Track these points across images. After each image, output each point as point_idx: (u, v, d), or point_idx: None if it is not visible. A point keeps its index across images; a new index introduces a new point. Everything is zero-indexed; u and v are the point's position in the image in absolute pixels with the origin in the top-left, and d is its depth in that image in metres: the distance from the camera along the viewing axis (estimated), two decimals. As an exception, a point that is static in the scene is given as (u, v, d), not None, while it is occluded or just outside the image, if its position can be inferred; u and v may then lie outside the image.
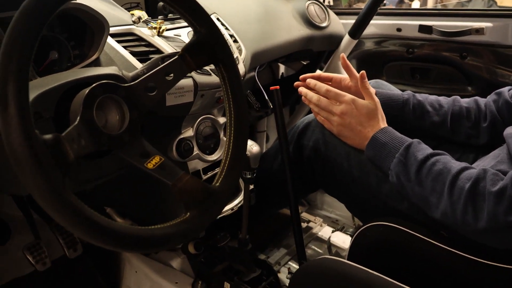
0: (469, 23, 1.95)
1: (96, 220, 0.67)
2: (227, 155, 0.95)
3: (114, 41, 1.16)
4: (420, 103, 1.42)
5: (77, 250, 1.57)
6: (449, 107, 1.42)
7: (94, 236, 0.67)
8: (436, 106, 1.42)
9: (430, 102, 1.43)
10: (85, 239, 0.68)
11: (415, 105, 1.42)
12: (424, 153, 1.17)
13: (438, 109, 1.42)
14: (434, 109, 1.41)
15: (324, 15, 2.09)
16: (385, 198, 1.29)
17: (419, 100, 1.42)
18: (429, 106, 1.42)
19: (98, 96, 0.80)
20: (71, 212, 0.64)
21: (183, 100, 1.20)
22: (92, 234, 0.67)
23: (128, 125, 0.84)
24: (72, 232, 0.76)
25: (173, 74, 0.91)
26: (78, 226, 0.65)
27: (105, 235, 0.68)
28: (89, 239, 0.67)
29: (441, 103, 1.43)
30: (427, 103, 1.42)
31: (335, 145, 1.37)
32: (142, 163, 0.82)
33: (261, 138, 2.33)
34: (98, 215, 0.68)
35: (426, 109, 1.41)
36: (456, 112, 1.40)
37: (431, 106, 1.42)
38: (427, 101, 1.43)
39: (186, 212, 0.83)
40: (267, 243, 1.99)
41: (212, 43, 0.94)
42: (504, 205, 0.97)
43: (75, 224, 0.65)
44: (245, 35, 1.57)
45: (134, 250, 0.72)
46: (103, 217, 0.68)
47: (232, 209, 1.45)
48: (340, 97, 1.33)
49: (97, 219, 0.67)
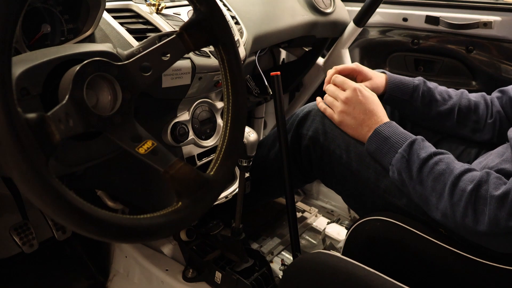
0: (477, 16, 1.91)
1: (79, 207, 0.62)
2: (223, 142, 0.90)
3: (110, 17, 1.11)
4: (430, 90, 1.41)
5: (66, 232, 1.53)
6: (457, 99, 1.41)
7: (77, 224, 0.62)
8: (445, 97, 1.42)
9: (439, 92, 1.42)
10: (67, 226, 0.63)
11: (425, 92, 1.41)
12: (428, 151, 1.15)
13: (447, 99, 1.41)
14: (443, 99, 1.41)
15: (329, 0, 2.04)
16: (383, 193, 1.27)
17: (429, 88, 1.42)
18: (438, 95, 1.41)
19: (90, 74, 0.76)
20: (52, 197, 0.60)
21: (180, 82, 1.16)
22: (74, 222, 0.62)
23: (120, 106, 0.80)
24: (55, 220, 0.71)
25: (170, 54, 0.86)
26: (59, 213, 0.61)
27: (88, 224, 0.63)
28: (72, 227, 0.63)
29: (450, 94, 1.43)
30: (436, 92, 1.42)
31: (335, 136, 1.34)
32: (133, 147, 0.78)
33: (258, 124, 2.30)
34: (81, 202, 0.63)
35: (435, 97, 1.41)
36: (464, 105, 1.40)
37: (440, 95, 1.42)
38: (436, 90, 1.43)
39: (177, 201, 0.79)
40: (260, 232, 1.97)
41: (212, 22, 0.89)
42: (506, 209, 0.97)
43: (56, 210, 0.61)
44: (248, 17, 1.52)
45: (119, 240, 0.67)
46: (87, 203, 0.64)
47: (227, 197, 1.42)
48: (346, 83, 1.33)
49: (80, 205, 0.62)
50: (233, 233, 1.43)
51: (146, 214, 0.73)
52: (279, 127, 1.41)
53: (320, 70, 2.27)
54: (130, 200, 1.39)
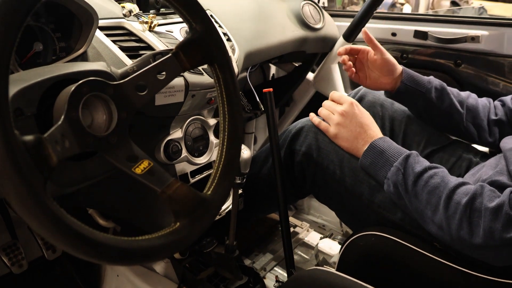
0: (464, 31, 1.93)
1: (78, 231, 0.61)
2: (219, 161, 0.90)
3: (103, 35, 1.10)
4: (442, 85, 1.43)
5: (56, 252, 1.51)
6: (466, 97, 1.44)
7: (76, 248, 0.61)
8: (455, 93, 1.43)
9: (450, 88, 1.44)
10: (66, 251, 0.62)
11: (437, 85, 1.42)
12: (422, 165, 1.16)
13: (456, 96, 1.43)
14: (454, 93, 1.43)
15: (319, 16, 2.05)
16: (377, 208, 1.27)
17: (441, 83, 1.43)
18: (450, 90, 1.43)
19: (85, 94, 0.75)
20: (51, 221, 0.59)
21: (173, 100, 1.15)
22: (73, 246, 0.61)
23: (116, 126, 0.79)
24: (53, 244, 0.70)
25: (165, 73, 0.85)
26: (59, 237, 0.60)
27: (88, 247, 0.62)
28: (70, 250, 0.61)
29: (458, 92, 1.45)
30: (447, 88, 1.44)
31: (328, 151, 1.34)
32: (129, 167, 0.77)
33: (249, 140, 2.29)
34: (80, 225, 0.62)
35: (446, 91, 1.42)
36: (471, 104, 1.43)
37: (451, 90, 1.43)
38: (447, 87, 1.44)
39: (175, 222, 0.78)
40: (252, 248, 1.96)
41: (208, 41, 0.89)
42: (501, 222, 0.97)
43: (55, 234, 0.59)
44: (239, 34, 1.52)
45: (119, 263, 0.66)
46: (86, 226, 0.63)
47: (220, 214, 1.41)
48: (343, 98, 1.36)
49: (79, 229, 0.61)
50: (227, 250, 1.42)
51: (144, 236, 0.72)
52: (272, 143, 1.41)
53: (310, 85, 2.28)
54: (123, 218, 1.38)
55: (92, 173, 0.89)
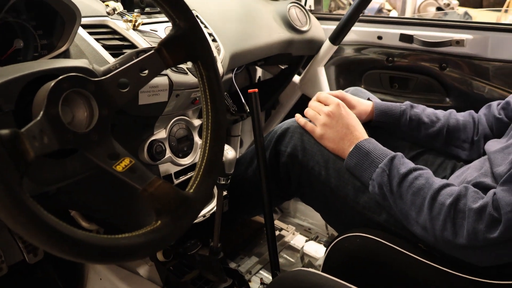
0: (449, 34, 1.94)
1: (56, 228, 0.60)
2: (202, 160, 0.88)
3: (86, 33, 1.09)
4: (417, 114, 1.44)
5: (38, 255, 1.48)
6: (445, 120, 1.44)
7: (53, 246, 0.60)
8: (433, 119, 1.45)
9: (427, 114, 1.45)
10: (43, 248, 0.60)
11: (412, 116, 1.44)
12: (407, 166, 1.17)
13: (435, 121, 1.44)
14: (431, 121, 1.44)
15: (306, 19, 2.05)
16: (362, 209, 1.27)
17: (416, 112, 1.45)
18: (426, 118, 1.44)
19: (65, 90, 0.73)
20: (27, 217, 0.57)
21: (157, 99, 1.14)
22: (50, 243, 0.59)
23: (96, 123, 0.77)
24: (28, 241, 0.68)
25: (148, 70, 0.84)
26: (35, 234, 0.58)
27: (66, 245, 0.60)
28: (47, 248, 0.60)
29: (438, 115, 1.46)
30: (424, 115, 1.45)
31: (314, 152, 1.34)
32: (110, 165, 0.75)
33: (235, 142, 2.28)
34: (58, 222, 0.60)
35: (422, 120, 1.44)
36: (453, 125, 1.43)
37: (427, 118, 1.44)
38: (424, 113, 1.46)
39: (156, 220, 0.76)
40: (238, 251, 1.95)
41: (191, 38, 0.87)
42: (484, 222, 0.97)
43: (31, 231, 0.58)
44: (225, 34, 1.51)
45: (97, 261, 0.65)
46: (63, 223, 0.61)
47: (205, 216, 1.40)
48: (330, 99, 1.36)
49: (57, 226, 0.60)
50: (211, 252, 1.41)
51: (124, 234, 0.70)
52: (257, 144, 1.40)
53: (296, 87, 2.28)
54: (106, 219, 1.36)
55: (73, 171, 0.87)
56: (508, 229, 0.94)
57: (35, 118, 0.68)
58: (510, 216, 0.94)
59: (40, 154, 0.66)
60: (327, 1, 3.93)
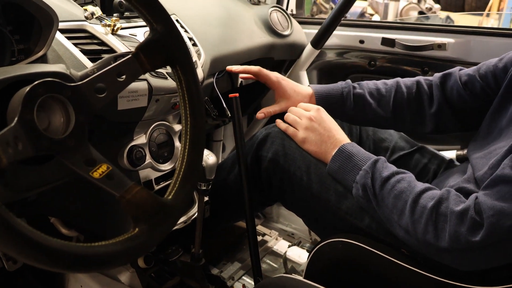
0: (431, 38, 1.95)
1: (29, 236, 0.58)
2: (181, 165, 0.88)
3: (64, 37, 1.07)
4: (360, 95, 1.43)
5: (17, 263, 1.46)
6: (390, 95, 1.42)
7: (27, 255, 0.58)
8: (376, 96, 1.43)
9: (370, 92, 1.43)
10: (17, 258, 0.59)
11: (355, 97, 1.43)
12: (390, 170, 1.17)
13: (379, 99, 1.43)
14: (375, 100, 1.43)
15: (287, 23, 2.04)
16: (344, 215, 1.27)
17: (359, 93, 1.43)
18: (370, 97, 1.43)
19: (41, 95, 0.72)
20: (0, 225, 0.56)
21: (136, 104, 1.13)
22: (24, 253, 0.58)
23: (73, 128, 0.76)
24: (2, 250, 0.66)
25: (125, 75, 0.83)
26: (7, 243, 0.57)
27: (40, 254, 0.59)
28: (21, 258, 0.59)
29: (381, 91, 1.43)
30: (367, 94, 1.43)
31: (295, 157, 1.34)
32: (87, 171, 0.74)
33: (217, 147, 2.27)
34: (31, 230, 0.59)
35: (367, 101, 1.42)
36: (398, 100, 1.41)
37: (371, 96, 1.43)
38: (367, 90, 1.44)
39: (134, 227, 0.76)
40: (220, 257, 1.94)
41: (169, 42, 0.87)
42: (466, 225, 0.97)
43: (3, 240, 0.57)
44: (205, 39, 1.50)
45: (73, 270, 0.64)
46: (38, 232, 0.60)
47: (186, 222, 1.38)
48: (310, 106, 1.37)
49: (30, 234, 0.59)
50: (192, 259, 1.40)
51: (101, 242, 0.69)
52: (239, 149, 1.39)
53: (279, 92, 2.26)
54: (86, 226, 1.34)
55: (50, 177, 0.86)
56: (490, 233, 0.94)
57: (10, 124, 0.67)
58: (492, 220, 0.94)
59: (14, 160, 0.64)
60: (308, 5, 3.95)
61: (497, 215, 0.94)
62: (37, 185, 0.86)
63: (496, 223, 0.94)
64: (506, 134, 1.14)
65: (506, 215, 0.93)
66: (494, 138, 1.20)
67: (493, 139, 1.20)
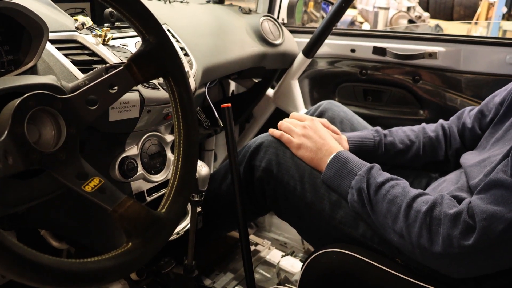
0: (422, 47, 1.97)
1: (18, 253, 0.57)
2: (174, 178, 0.86)
3: (54, 48, 1.06)
4: (391, 143, 1.47)
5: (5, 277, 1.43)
6: (419, 142, 1.47)
7: (16, 272, 0.57)
8: (407, 143, 1.47)
9: (400, 140, 1.48)
10: (6, 275, 0.58)
11: (387, 145, 1.46)
12: (384, 176, 1.18)
13: (409, 145, 1.47)
14: (406, 147, 1.47)
15: (278, 32, 2.05)
16: (338, 224, 1.26)
17: (390, 141, 1.47)
18: (400, 144, 1.47)
19: (31, 108, 0.71)
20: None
21: (128, 115, 1.12)
22: (13, 270, 0.57)
23: (64, 141, 0.75)
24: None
25: (117, 86, 0.82)
26: (-3, 260, 0.56)
27: (30, 271, 0.58)
28: (10, 275, 0.57)
29: (411, 138, 1.48)
30: (397, 141, 1.47)
31: (289, 167, 1.33)
32: (79, 185, 0.73)
33: (209, 157, 2.26)
34: (21, 247, 0.58)
35: (398, 148, 1.47)
36: (427, 145, 1.46)
37: (402, 143, 1.47)
38: (397, 138, 1.48)
39: (127, 242, 0.74)
40: (213, 267, 1.92)
41: (161, 53, 0.86)
42: (459, 229, 0.98)
43: None
44: (197, 48, 1.50)
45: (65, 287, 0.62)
46: (26, 248, 0.58)
47: (178, 234, 1.37)
48: (304, 116, 1.40)
49: (20, 251, 0.57)
50: (185, 270, 1.39)
51: (93, 257, 0.68)
52: (231, 159, 1.39)
53: (270, 101, 2.27)
54: (77, 239, 1.32)
55: (40, 192, 0.85)
56: (482, 237, 0.94)
57: (-1, 137, 0.65)
58: (484, 224, 0.94)
59: (4, 175, 0.63)
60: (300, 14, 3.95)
61: (489, 218, 0.94)
62: (27, 199, 0.85)
63: (488, 227, 0.94)
64: (501, 143, 1.15)
65: (498, 219, 0.94)
66: (489, 148, 1.22)
67: (489, 149, 1.22)
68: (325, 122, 1.45)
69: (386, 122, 2.09)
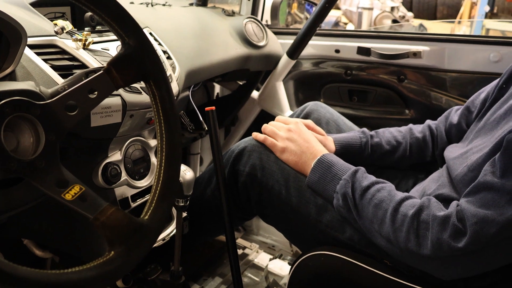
0: (407, 46, 1.96)
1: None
2: (157, 183, 0.85)
3: (33, 53, 1.03)
4: (378, 144, 1.47)
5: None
6: (406, 143, 1.47)
7: None
8: (394, 143, 1.47)
9: (387, 141, 1.48)
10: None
11: (373, 146, 1.46)
12: (370, 180, 1.17)
13: (396, 146, 1.47)
14: (392, 148, 1.47)
15: (262, 34, 2.04)
16: (325, 228, 1.26)
17: (377, 142, 1.47)
18: (387, 145, 1.47)
19: (8, 115, 0.69)
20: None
21: (110, 120, 1.10)
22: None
23: (43, 149, 0.73)
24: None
25: (97, 91, 0.80)
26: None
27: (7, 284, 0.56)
28: (-13, 288, 0.55)
29: (398, 139, 1.48)
30: (384, 143, 1.47)
31: (273, 171, 1.32)
32: (59, 193, 0.71)
33: (194, 161, 2.24)
34: (-1, 259, 0.56)
35: (384, 149, 1.46)
36: (414, 145, 1.47)
37: (388, 144, 1.47)
38: (384, 139, 1.48)
39: (109, 250, 0.72)
40: (200, 272, 1.91)
41: (141, 56, 0.84)
42: (448, 232, 0.97)
43: None
44: (180, 51, 1.48)
45: (46, 300, 0.60)
46: (4, 260, 0.57)
47: (164, 240, 1.35)
48: (289, 119, 1.39)
49: (-3, 264, 0.55)
50: (172, 276, 1.37)
51: (74, 268, 0.66)
52: (216, 163, 1.37)
53: (255, 103, 2.26)
54: (60, 248, 1.30)
55: (19, 201, 0.83)
56: (474, 241, 0.94)
57: (-25, 146, 0.64)
58: (476, 228, 0.93)
59: (-20, 185, 0.61)
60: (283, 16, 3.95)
61: (481, 222, 0.93)
62: (6, 209, 0.83)
63: (480, 231, 0.93)
64: (482, 134, 1.15)
65: (490, 222, 0.93)
66: (471, 140, 1.21)
67: (470, 140, 1.21)
68: (310, 123, 1.44)
69: (372, 122, 2.09)
